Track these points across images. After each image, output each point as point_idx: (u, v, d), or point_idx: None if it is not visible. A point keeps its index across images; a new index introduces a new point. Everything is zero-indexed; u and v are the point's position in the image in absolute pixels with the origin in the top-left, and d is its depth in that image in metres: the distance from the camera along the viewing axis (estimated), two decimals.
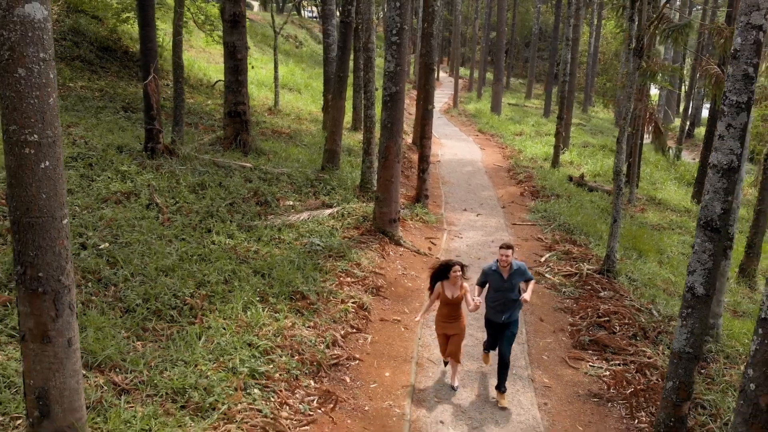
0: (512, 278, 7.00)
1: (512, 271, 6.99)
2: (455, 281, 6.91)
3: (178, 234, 9.22)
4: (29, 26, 4.00)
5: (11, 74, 4.01)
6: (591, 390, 7.53)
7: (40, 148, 4.15)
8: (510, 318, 7.06)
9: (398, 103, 11.54)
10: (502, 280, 6.99)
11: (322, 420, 6.13)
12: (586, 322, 9.22)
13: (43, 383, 4.49)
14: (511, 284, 7.00)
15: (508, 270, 6.98)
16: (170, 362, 6.17)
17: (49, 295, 4.35)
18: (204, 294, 7.65)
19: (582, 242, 13.03)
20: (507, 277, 6.98)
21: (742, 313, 11.16)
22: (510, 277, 6.99)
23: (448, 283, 6.95)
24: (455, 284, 6.94)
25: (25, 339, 4.46)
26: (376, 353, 7.87)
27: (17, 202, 4.21)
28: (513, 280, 7.01)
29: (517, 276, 7.02)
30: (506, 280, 6.98)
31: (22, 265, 4.30)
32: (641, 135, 18.06)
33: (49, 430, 4.57)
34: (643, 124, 17.35)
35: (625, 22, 11.87)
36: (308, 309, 8.10)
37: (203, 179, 11.46)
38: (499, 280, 7.01)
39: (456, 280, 6.90)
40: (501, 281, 7.00)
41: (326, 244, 10.31)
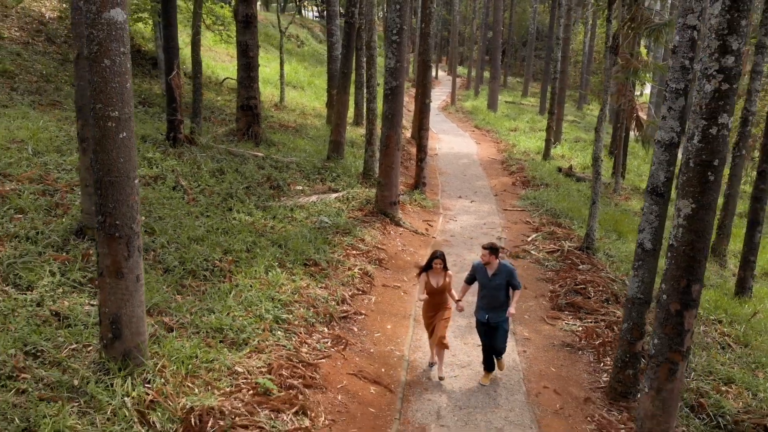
0: (496, 277, 7.10)
1: (497, 270, 7.11)
2: (438, 272, 7.23)
3: (203, 211, 10.38)
4: (113, 27, 5.16)
5: (99, 64, 5.18)
6: (565, 341, 8.70)
7: (120, 122, 5.32)
8: (496, 320, 7.16)
9: (398, 96, 12.70)
10: (487, 277, 7.15)
11: (335, 356, 7.30)
12: (564, 289, 10.39)
13: (116, 311, 5.66)
14: (495, 283, 7.10)
15: (493, 269, 7.12)
16: (207, 310, 7.33)
17: (123, 239, 5.52)
18: (230, 259, 8.82)
19: (566, 225, 14.20)
20: (491, 275, 7.12)
21: (710, 286, 12.32)
22: (494, 276, 7.11)
23: (432, 272, 7.26)
24: (438, 274, 7.25)
25: (102, 275, 5.63)
26: (379, 311, 9.04)
27: (100, 165, 5.37)
28: (497, 279, 7.10)
29: (502, 276, 7.10)
30: (490, 278, 7.12)
31: (102, 215, 5.47)
32: (626, 129, 19.23)
33: (119, 350, 5.74)
34: (627, 118, 18.50)
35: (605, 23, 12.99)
36: (320, 273, 9.27)
37: (221, 165, 12.61)
38: (483, 276, 7.19)
39: (438, 271, 7.23)
40: (486, 278, 7.16)
41: (334, 222, 11.48)
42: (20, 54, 17.17)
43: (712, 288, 11.99)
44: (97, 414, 5.17)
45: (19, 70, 16.34)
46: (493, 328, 7.18)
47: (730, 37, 4.12)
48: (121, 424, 5.11)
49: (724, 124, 4.22)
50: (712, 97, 4.21)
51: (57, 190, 9.69)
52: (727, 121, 4.23)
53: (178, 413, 5.37)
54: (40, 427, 4.88)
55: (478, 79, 45.35)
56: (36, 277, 7.07)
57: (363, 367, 7.35)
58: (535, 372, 7.83)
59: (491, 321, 7.15)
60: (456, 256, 11.76)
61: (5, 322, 6.18)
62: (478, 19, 48.27)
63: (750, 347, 9.42)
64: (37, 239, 7.94)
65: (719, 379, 8.03)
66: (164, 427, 5.22)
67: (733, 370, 8.29)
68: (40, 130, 11.79)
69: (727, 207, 13.98)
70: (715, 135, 4.24)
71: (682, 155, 4.58)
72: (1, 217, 8.27)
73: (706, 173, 4.31)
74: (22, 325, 6.18)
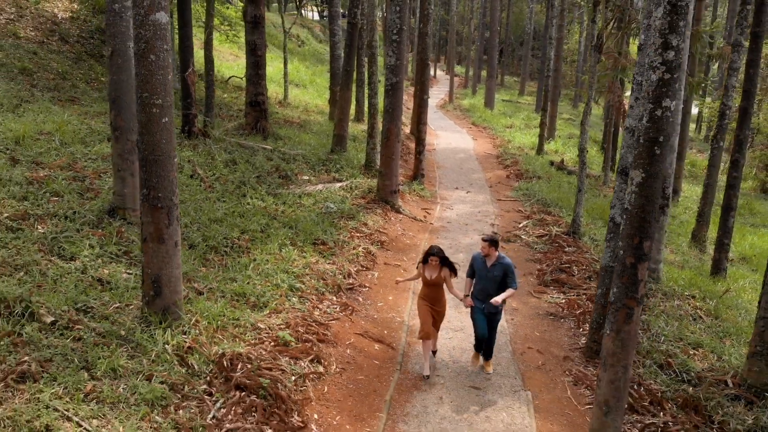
0: (494, 269, 7.22)
1: (496, 263, 7.24)
2: (433, 266, 7.39)
3: (219, 197, 11.30)
4: (158, 27, 6.08)
5: (146, 59, 6.10)
6: (549, 311, 9.63)
7: (163, 109, 6.23)
8: (489, 310, 7.31)
9: (398, 91, 13.63)
10: (485, 268, 7.28)
11: (343, 319, 8.23)
12: (550, 268, 11.33)
13: (157, 272, 6.57)
14: (492, 275, 7.21)
15: (492, 261, 7.25)
16: (229, 279, 8.25)
17: (164, 209, 6.44)
18: (247, 238, 9.75)
19: (555, 213, 15.14)
20: (489, 267, 7.25)
21: (689, 268, 13.26)
22: (492, 268, 7.23)
23: (428, 266, 7.40)
24: (433, 268, 7.39)
25: (146, 240, 6.54)
26: (381, 284, 9.97)
27: (146, 145, 6.29)
28: (494, 271, 7.21)
29: (499, 269, 7.22)
30: (488, 269, 7.25)
31: (147, 188, 6.38)
32: (615, 124, 20.17)
33: (160, 306, 6.66)
34: (616, 114, 19.44)
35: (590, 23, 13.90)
36: (328, 251, 10.20)
37: (233, 156, 13.53)
38: (482, 267, 7.32)
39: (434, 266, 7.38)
40: (484, 269, 7.29)
41: (339, 208, 12.41)
42: (36, 53, 18.06)
43: (690, 269, 12.92)
44: (143, 357, 6.08)
45: (36, 68, 17.23)
46: (488, 317, 7.36)
47: (670, 36, 5.03)
48: (163, 365, 6.02)
49: (668, 107, 5.13)
50: (657, 85, 5.12)
51: (86, 176, 10.59)
52: (670, 105, 5.14)
53: (212, 357, 6.29)
54: (96, 366, 5.79)
55: (475, 77, 46.26)
56: (78, 249, 7.99)
57: (368, 329, 8.28)
58: (520, 335, 8.76)
59: (491, 311, 7.31)
60: (452, 240, 12.71)
61: (56, 286, 7.09)
62: (475, 19, 49.20)
63: (720, 319, 10.34)
64: (75, 218, 8.85)
65: (688, 344, 8.95)
66: (201, 369, 6.14)
67: (702, 338, 9.22)
68: (65, 124, 12.69)
69: (706, 196, 14.91)
70: (660, 116, 5.15)
71: (636, 135, 5.49)
72: (40, 199, 9.18)
73: (653, 148, 5.22)
74: (70, 288, 7.08)
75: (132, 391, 5.53)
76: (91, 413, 5.17)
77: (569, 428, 6.65)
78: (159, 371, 5.87)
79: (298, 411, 6.05)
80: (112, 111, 8.95)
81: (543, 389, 7.38)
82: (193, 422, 5.39)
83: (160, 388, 5.63)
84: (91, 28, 22.24)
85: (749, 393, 7.76)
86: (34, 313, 6.31)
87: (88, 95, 16.36)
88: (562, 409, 7.03)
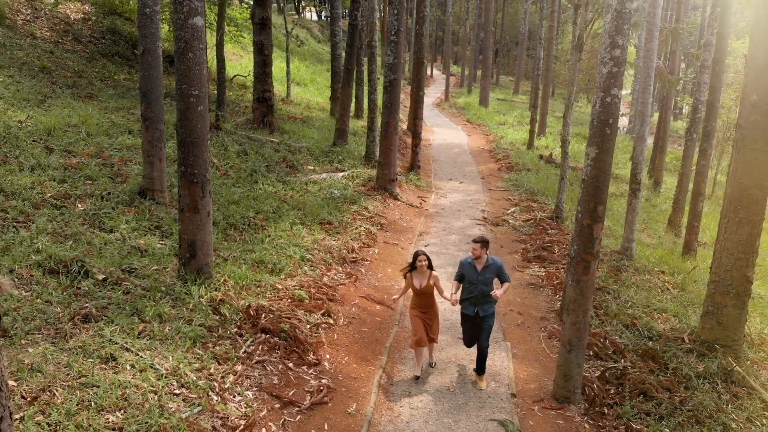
0: (486, 272, 7.08)
1: (487, 265, 7.11)
2: (422, 271, 7.22)
3: (234, 183, 12.46)
4: (195, 29, 7.24)
5: (185, 56, 7.26)
6: (530, 282, 10.82)
7: (199, 99, 7.40)
8: (484, 312, 7.17)
9: (396, 88, 14.80)
10: (476, 272, 7.10)
11: (349, 285, 9.40)
12: (534, 247, 12.51)
13: (192, 237, 7.73)
14: (485, 278, 7.08)
15: (483, 263, 7.11)
16: (249, 250, 9.41)
17: (199, 184, 7.60)
18: (261, 217, 10.91)
19: (542, 201, 16.32)
20: (480, 270, 7.09)
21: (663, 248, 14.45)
22: (484, 271, 7.09)
23: (416, 273, 7.26)
24: (422, 273, 7.23)
25: (183, 210, 7.70)
26: (381, 259, 11.14)
27: (184, 129, 7.45)
28: (486, 274, 7.08)
29: (491, 271, 7.11)
30: (480, 273, 7.08)
31: (184, 166, 7.54)
32: None
33: (194, 266, 7.82)
34: None
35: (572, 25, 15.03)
36: (333, 230, 11.37)
37: (244, 148, 14.69)
38: (472, 272, 7.12)
39: (423, 269, 7.21)
40: (474, 274, 7.10)
41: (342, 194, 13.57)
42: (53, 52, 19.20)
43: (663, 249, 14.12)
44: (183, 306, 7.24)
45: (55, 67, 18.36)
46: (479, 322, 7.22)
47: (617, 36, 6.18)
48: (200, 313, 7.18)
49: (615, 95, 6.28)
50: (606, 77, 6.27)
51: (113, 163, 11.75)
52: (618, 93, 6.29)
53: (240, 308, 7.46)
54: (144, 312, 6.94)
55: (470, 77, 47.47)
56: (116, 223, 9.15)
57: (370, 293, 9.46)
58: (503, 301, 9.93)
59: (483, 313, 7.19)
60: (445, 224, 13.89)
61: (101, 252, 8.24)
62: (470, 19, 50.38)
63: (686, 291, 11.52)
64: (109, 198, 10.01)
65: (654, 310, 10.13)
66: (231, 316, 7.30)
67: (667, 305, 10.39)
68: (89, 117, 13.83)
69: (681, 184, 16.10)
70: (609, 102, 6.30)
71: (591, 118, 6.65)
72: (77, 182, 10.33)
73: (604, 129, 6.37)
74: (114, 253, 8.24)
75: (176, 331, 6.69)
76: (144, 347, 6.33)
77: (541, 370, 7.83)
78: (197, 317, 7.03)
79: (313, 351, 7.22)
80: (142, 103, 10.10)
81: (521, 341, 8.57)
82: (229, 354, 6.56)
83: (199, 330, 6.79)
84: (103, 29, 23.35)
85: (702, 347, 8.94)
86: (88, 271, 7.48)
87: (104, 92, 17.49)
88: (536, 356, 8.21)
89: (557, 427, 6.66)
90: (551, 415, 6.88)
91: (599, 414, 6.95)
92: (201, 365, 6.23)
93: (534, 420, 6.77)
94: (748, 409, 7.51)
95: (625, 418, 6.80)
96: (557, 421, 6.76)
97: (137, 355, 6.14)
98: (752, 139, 8.25)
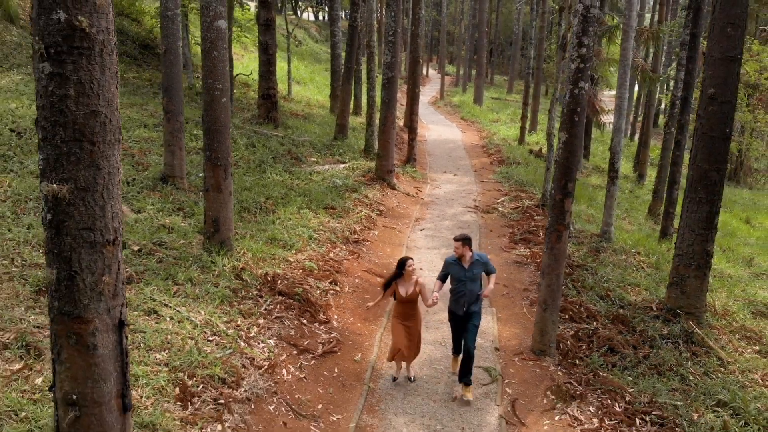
0: (473, 268, 6.99)
1: (473, 261, 7.01)
2: (409, 277, 6.91)
3: (245, 172, 13.51)
4: (220, 31, 8.30)
5: (210, 54, 8.31)
6: (516, 261, 11.91)
7: (222, 92, 8.45)
8: (471, 309, 7.03)
9: (394, 85, 15.89)
10: (463, 270, 6.98)
11: (352, 260, 10.48)
12: (520, 231, 13.61)
13: (216, 214, 8.79)
14: (473, 274, 6.98)
15: (468, 260, 7.00)
16: (262, 230, 10.47)
17: (222, 166, 8.65)
18: (271, 202, 11.97)
19: (530, 191, 17.43)
20: (468, 267, 6.98)
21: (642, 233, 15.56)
22: (471, 267, 6.99)
23: (402, 279, 6.93)
24: (409, 281, 6.92)
25: (207, 190, 8.76)
26: (381, 241, 12.22)
27: (209, 119, 8.50)
28: (474, 270, 6.99)
29: (478, 266, 7.02)
30: (467, 269, 6.98)
31: (209, 151, 8.60)
32: (587, 115, 22.48)
33: (218, 240, 8.87)
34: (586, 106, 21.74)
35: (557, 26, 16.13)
36: (336, 214, 12.44)
37: (252, 141, 15.75)
38: (459, 270, 7.00)
39: (410, 276, 6.91)
40: (462, 271, 6.98)
41: (343, 183, 14.65)
42: None
43: (642, 234, 15.23)
44: (209, 273, 8.29)
45: None
46: (467, 319, 7.06)
47: (583, 37, 7.25)
48: (225, 279, 8.23)
49: (582, 87, 7.34)
50: (575, 71, 7.34)
51: (134, 153, 12.78)
52: (584, 86, 7.37)
53: (259, 275, 8.52)
54: (177, 276, 7.98)
55: (465, 76, 48.55)
56: (143, 204, 10.19)
57: (371, 268, 10.54)
58: None
59: (470, 311, 7.05)
60: (439, 211, 14.98)
61: (133, 228, 9.28)
62: (465, 20, 51.49)
63: (659, 270, 12.62)
64: (134, 183, 11.05)
65: (628, 284, 11.21)
66: (251, 282, 8.35)
67: (640, 281, 11.48)
68: None
69: (659, 175, 17.21)
70: (577, 94, 7.37)
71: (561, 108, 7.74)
72: None
73: (573, 116, 7.45)
74: (145, 229, 9.28)
75: (205, 292, 7.75)
76: (180, 303, 7.38)
77: (522, 330, 8.92)
78: (222, 282, 8.08)
79: (323, 312, 8.29)
80: (164, 97, 11.14)
81: (505, 308, 9.66)
82: (252, 311, 7.62)
83: (225, 291, 7.85)
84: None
85: (668, 314, 10.04)
86: (125, 242, 8.52)
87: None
88: (518, 320, 9.30)
89: (534, 374, 7.75)
90: (529, 364, 7.97)
91: (571, 364, 8.03)
92: (229, 318, 7.29)
93: (514, 368, 7.86)
94: (705, 365, 8.58)
95: (592, 367, 7.89)
96: (534, 369, 7.85)
97: (175, 310, 7.19)
98: (710, 128, 9.35)
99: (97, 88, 3.10)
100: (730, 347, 9.31)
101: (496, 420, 6.72)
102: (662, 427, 6.92)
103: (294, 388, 6.70)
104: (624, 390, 7.43)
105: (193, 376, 6.07)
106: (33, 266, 7.37)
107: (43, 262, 7.56)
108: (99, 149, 3.17)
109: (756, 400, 7.65)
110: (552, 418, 6.87)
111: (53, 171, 3.13)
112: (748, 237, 18.24)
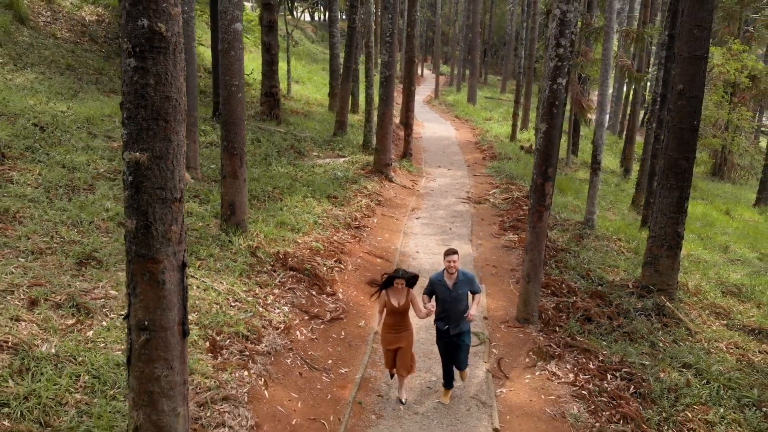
0: (458, 288, 6.74)
1: (458, 280, 6.73)
2: (399, 291, 6.71)
3: (252, 165, 14.43)
4: (236, 33, 9.22)
5: (228, 54, 9.23)
6: (505, 245, 12.87)
7: (238, 88, 9.38)
8: (460, 329, 6.84)
9: (391, 83, 16.84)
10: (448, 291, 6.74)
11: (354, 243, 11.43)
12: (510, 219, 14.58)
13: (232, 198, 9.71)
14: (458, 294, 6.73)
15: (454, 279, 6.74)
16: (271, 215, 11.40)
17: (238, 156, 9.58)
18: (278, 191, 12.89)
19: (520, 184, 18.40)
20: (452, 287, 6.73)
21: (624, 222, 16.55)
22: (456, 287, 6.73)
23: (393, 290, 6.69)
24: (401, 291, 6.71)
25: (224, 177, 9.68)
26: (380, 227, 13.16)
27: (226, 112, 9.43)
28: (459, 290, 6.74)
29: (463, 286, 6.77)
30: (452, 290, 6.73)
31: (226, 141, 9.52)
32: (575, 113, 23.50)
33: (234, 222, 9.79)
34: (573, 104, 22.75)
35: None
36: (338, 203, 13.39)
37: (257, 136, 16.67)
38: (444, 290, 6.75)
39: (399, 290, 6.70)
40: (447, 292, 6.74)
41: (344, 175, 15.59)
42: (74, 51, 21.04)
43: (624, 222, 16.23)
44: (228, 250, 9.21)
45: (78, 65, 20.21)
46: (455, 342, 6.90)
47: (561, 38, 8.20)
48: (242, 255, 9.14)
49: (560, 83, 8.30)
50: (553, 69, 8.30)
51: None
52: (562, 82, 8.33)
53: (272, 253, 9.44)
54: (199, 252, 8.90)
55: (459, 76, 49.57)
56: None
57: (371, 251, 11.49)
58: (482, 258, 11.99)
59: (453, 332, 6.85)
60: (434, 202, 15.94)
61: None
62: (459, 21, 52.48)
63: (638, 255, 13.60)
64: None
65: (608, 266, 12.18)
66: (265, 259, 9.28)
67: (620, 264, 12.45)
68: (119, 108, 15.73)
69: (642, 168, 18.22)
70: (556, 89, 8.32)
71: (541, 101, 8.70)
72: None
73: (552, 109, 8.40)
74: None
75: (225, 266, 8.67)
76: (204, 275, 8.30)
77: (508, 303, 9.89)
78: (240, 258, 9.01)
79: (330, 285, 9.24)
80: None
81: (493, 285, 10.62)
82: (267, 282, 8.55)
83: (243, 266, 8.77)
84: (116, 30, 25.15)
85: (642, 291, 11.00)
86: None
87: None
88: (506, 295, 10.27)
89: (518, 339, 8.71)
90: (514, 331, 8.93)
91: (551, 331, 8.99)
92: (248, 288, 8.22)
93: (500, 334, 8.82)
94: (674, 335, 9.53)
95: (570, 332, 8.85)
96: (518, 335, 8.81)
97: (200, 280, 8.11)
98: (679, 120, 10.32)
99: (170, 78, 4.03)
100: (700, 321, 10.26)
101: (484, 374, 7.68)
102: (630, 382, 7.88)
103: (307, 346, 7.64)
104: (598, 351, 8.39)
105: (220, 333, 6.99)
106: (71, 242, 8.28)
107: (78, 239, 8.48)
108: (171, 126, 4.10)
109: (719, 363, 8.60)
110: (533, 374, 7.83)
111: (135, 143, 4.05)
112: (727, 227, 19.27)
